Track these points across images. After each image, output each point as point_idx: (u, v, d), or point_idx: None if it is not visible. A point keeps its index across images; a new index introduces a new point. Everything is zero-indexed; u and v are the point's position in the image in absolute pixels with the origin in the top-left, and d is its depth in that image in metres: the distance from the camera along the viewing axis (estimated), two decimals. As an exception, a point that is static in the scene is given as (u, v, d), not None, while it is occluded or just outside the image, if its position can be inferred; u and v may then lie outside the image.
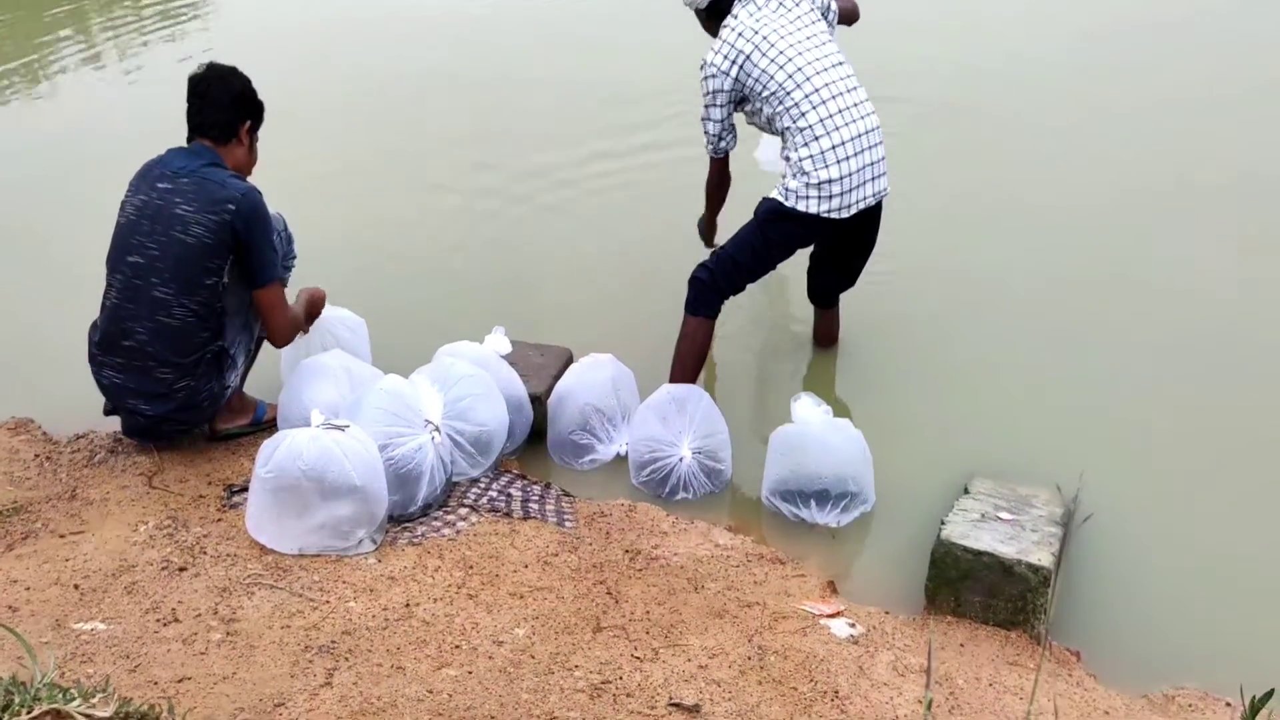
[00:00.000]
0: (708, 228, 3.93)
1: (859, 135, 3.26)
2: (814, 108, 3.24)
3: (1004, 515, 2.84)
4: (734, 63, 3.32)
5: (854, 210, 3.31)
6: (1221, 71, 5.76)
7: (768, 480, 3.18)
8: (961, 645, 2.65)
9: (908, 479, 3.23)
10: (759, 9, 3.37)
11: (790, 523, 3.13)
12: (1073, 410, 3.55)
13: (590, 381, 3.43)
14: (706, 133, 3.50)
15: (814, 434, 3.13)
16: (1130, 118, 5.39)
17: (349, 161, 5.30)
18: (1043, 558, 2.66)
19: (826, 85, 3.27)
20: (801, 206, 3.26)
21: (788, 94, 3.25)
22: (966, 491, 2.98)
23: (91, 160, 5.16)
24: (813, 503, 3.11)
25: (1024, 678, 2.53)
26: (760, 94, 3.31)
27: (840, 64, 3.33)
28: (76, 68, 6.79)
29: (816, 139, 3.23)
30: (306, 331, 3.52)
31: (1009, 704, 2.43)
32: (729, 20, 3.39)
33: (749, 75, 3.31)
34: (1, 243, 4.68)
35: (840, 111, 3.25)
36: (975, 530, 2.77)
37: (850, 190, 3.27)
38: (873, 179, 3.32)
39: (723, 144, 3.52)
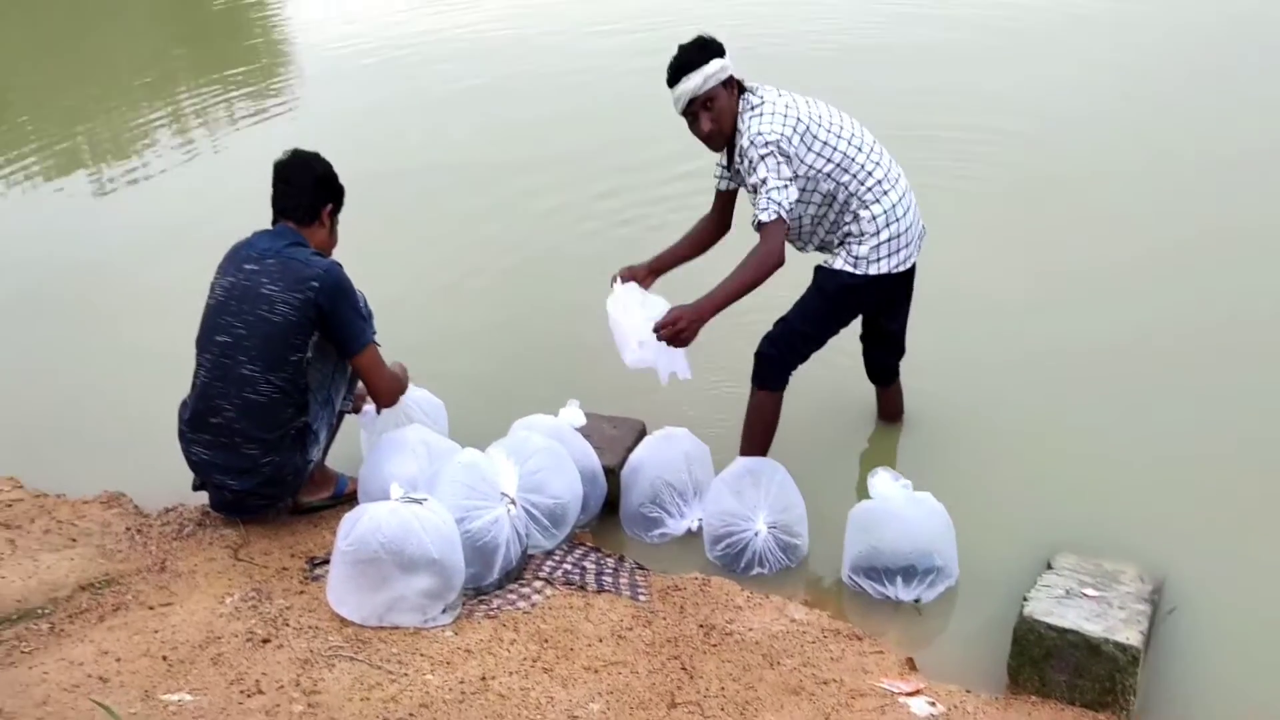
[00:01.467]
0: (700, 317, 3.22)
1: (907, 188, 3.37)
2: (876, 165, 3.30)
3: (1089, 591, 2.78)
4: (795, 130, 3.21)
5: (915, 257, 3.39)
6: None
7: (849, 558, 3.15)
8: (1046, 726, 2.59)
9: (988, 554, 3.18)
10: (779, 90, 3.32)
11: (868, 598, 3.10)
12: (1157, 480, 3.48)
13: (663, 455, 3.47)
14: (779, 190, 3.15)
15: (896, 509, 3.10)
16: (1198, 169, 5.35)
17: (413, 234, 5.48)
18: (1131, 636, 2.60)
19: (873, 144, 3.34)
20: (874, 270, 3.30)
21: (852, 160, 3.27)
22: (1050, 567, 2.93)
23: (184, 243, 5.41)
24: (899, 579, 3.07)
25: (1114, 761, 2.46)
26: (822, 170, 3.24)
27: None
28: (171, 152, 7.14)
29: (885, 193, 3.28)
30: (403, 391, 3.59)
31: (1098, 789, 2.36)
32: (760, 95, 3.27)
33: (808, 148, 3.22)
34: (97, 324, 4.92)
35: (890, 166, 3.34)
36: (1060, 607, 2.71)
37: (911, 241, 3.35)
38: (918, 220, 3.41)
39: (790, 206, 3.18)
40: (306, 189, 3.31)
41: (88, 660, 2.65)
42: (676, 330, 3.19)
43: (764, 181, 3.16)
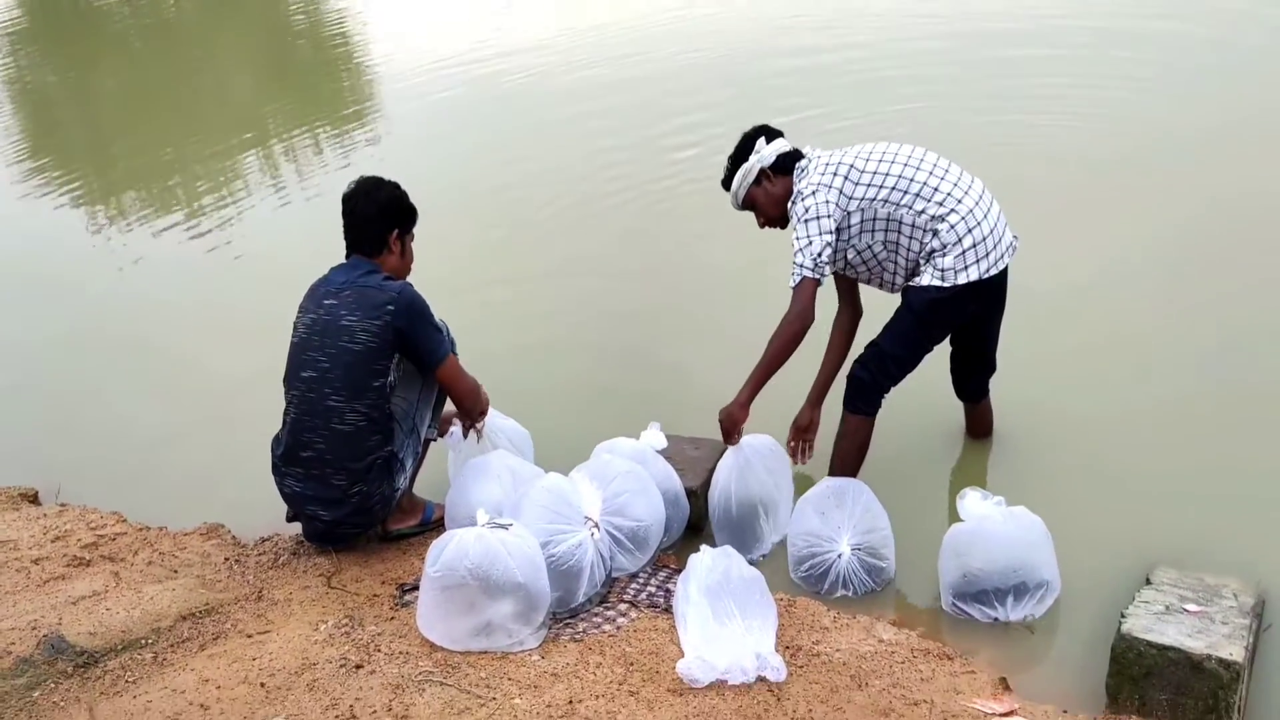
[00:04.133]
0: (740, 409, 3.35)
1: (982, 191, 3.31)
2: (942, 179, 3.27)
3: (1190, 607, 2.69)
4: (835, 174, 3.29)
5: (1004, 263, 3.31)
6: None
7: (948, 584, 3.08)
8: (1149, 747, 2.51)
9: (1083, 570, 3.10)
10: (828, 150, 3.41)
11: (957, 618, 3.04)
12: (1261, 490, 3.35)
13: (748, 474, 3.44)
14: (804, 253, 3.24)
15: (992, 529, 3.02)
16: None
17: (486, 252, 5.58)
18: (1234, 652, 2.50)
19: (936, 162, 3.31)
20: (963, 280, 3.23)
21: (911, 180, 3.26)
22: (1149, 582, 2.84)
23: (274, 280, 5.57)
24: (1009, 599, 2.99)
25: (1221, 783, 2.37)
26: (875, 198, 3.25)
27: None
28: (262, 194, 7.40)
29: (960, 200, 3.23)
30: (484, 414, 3.62)
31: (1206, 812, 2.28)
32: (807, 158, 3.42)
33: (857, 185, 3.27)
34: (190, 360, 5.09)
35: (960, 178, 3.29)
36: (1159, 624, 2.63)
37: (998, 243, 3.27)
38: (1006, 228, 3.33)
39: (824, 259, 3.24)
40: (370, 219, 3.37)
41: (189, 688, 2.74)
42: (725, 431, 3.36)
43: (793, 246, 3.29)
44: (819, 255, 3.24)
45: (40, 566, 3.41)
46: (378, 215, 3.38)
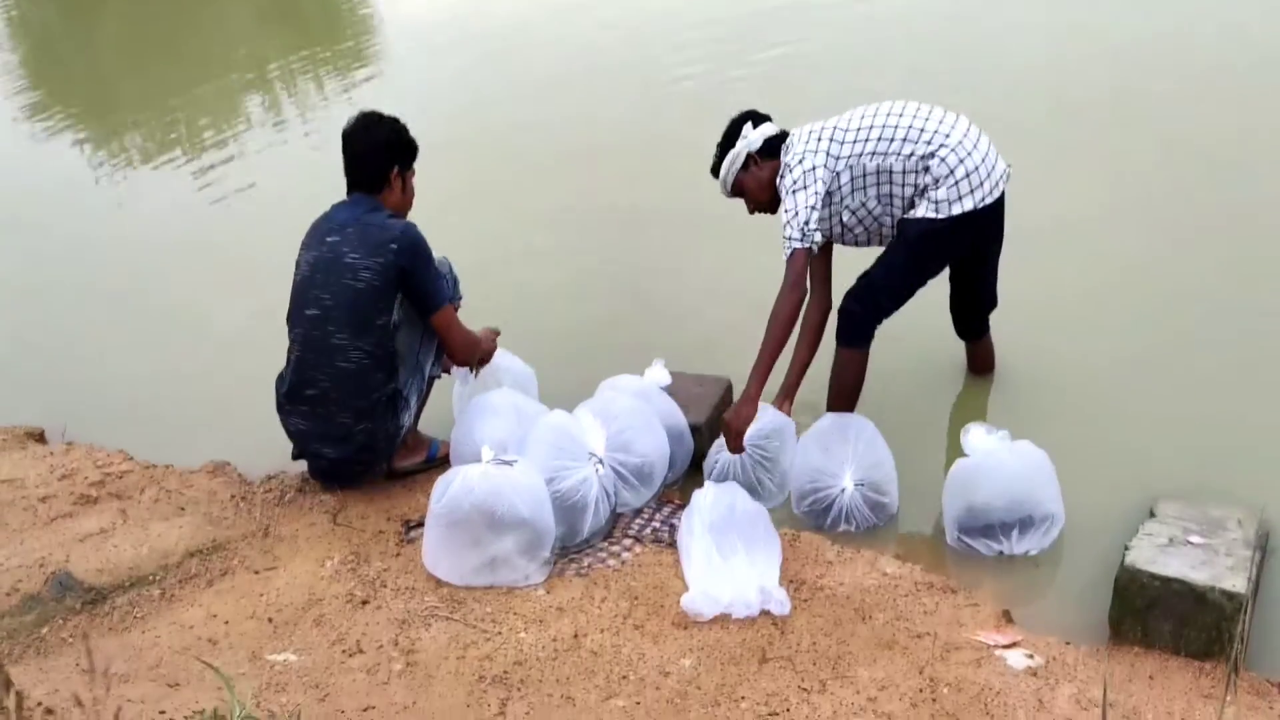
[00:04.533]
0: (749, 405, 3.23)
1: (969, 125, 3.27)
2: (926, 119, 3.24)
3: (1194, 539, 2.69)
4: (820, 139, 3.28)
5: (998, 191, 3.27)
6: None
7: (953, 519, 3.07)
8: (1151, 678, 2.51)
9: (1087, 503, 3.09)
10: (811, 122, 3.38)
11: (960, 552, 3.05)
12: (1262, 422, 3.34)
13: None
14: (791, 224, 3.22)
15: (997, 463, 3.01)
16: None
17: (489, 192, 5.51)
18: (1238, 584, 2.50)
19: (918, 108, 3.28)
20: (957, 210, 3.20)
21: (895, 128, 3.23)
22: (1152, 515, 2.83)
23: (276, 217, 5.53)
24: (1014, 532, 2.99)
25: (1221, 712, 2.38)
26: (863, 152, 3.23)
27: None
28: (264, 132, 7.32)
29: (947, 135, 3.20)
30: (487, 361, 3.64)
31: (1205, 740, 2.30)
32: (793, 136, 3.38)
33: (842, 144, 3.25)
34: (194, 298, 5.07)
35: (944, 117, 3.26)
36: (1163, 556, 2.62)
37: (990, 172, 3.23)
38: (998, 157, 3.29)
39: (813, 228, 3.21)
40: (371, 156, 3.33)
41: (197, 624, 2.77)
42: (730, 440, 3.26)
43: (782, 219, 3.27)
44: (806, 224, 3.21)
45: (47, 504, 3.43)
46: (377, 152, 3.34)
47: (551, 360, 3.97)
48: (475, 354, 3.54)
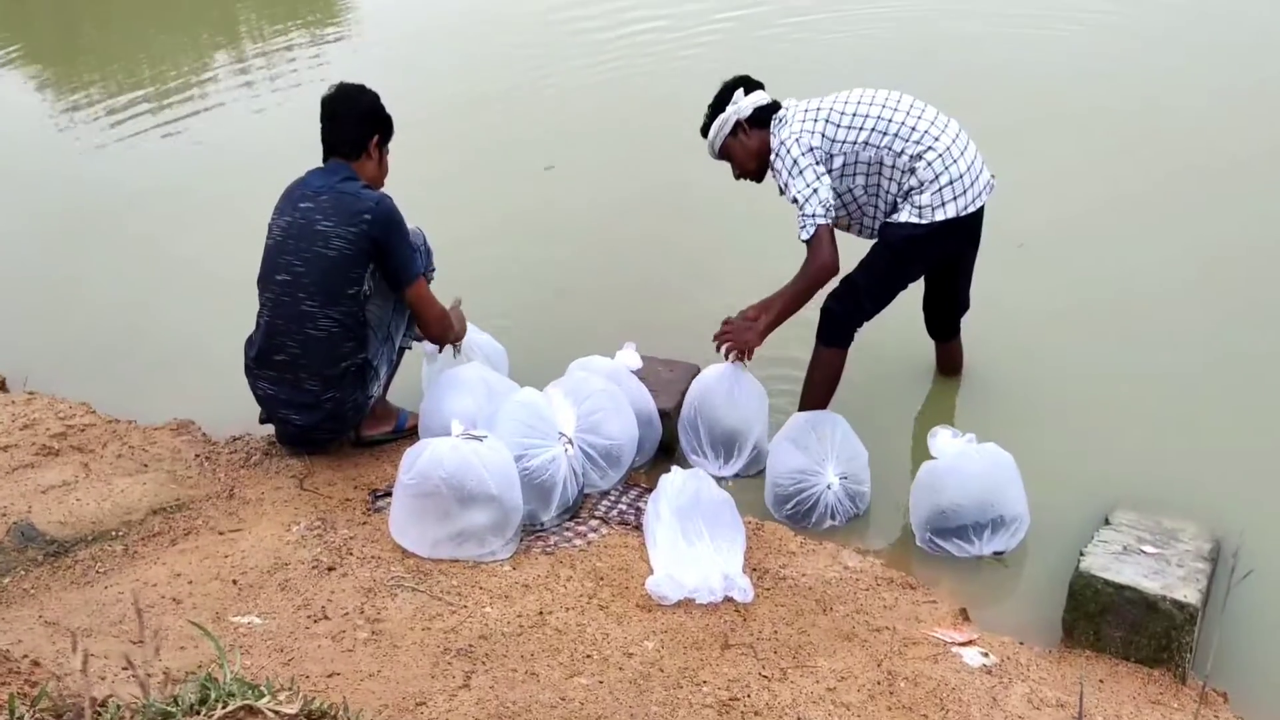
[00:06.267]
0: (758, 337, 3.37)
1: (958, 132, 3.30)
2: (919, 118, 3.26)
3: (1148, 549, 2.76)
4: (817, 120, 3.28)
5: (981, 201, 3.31)
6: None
7: (921, 521, 3.10)
8: (1101, 681, 2.58)
9: (1044, 509, 3.14)
10: (807, 99, 3.39)
11: (921, 550, 3.09)
12: (1220, 437, 3.42)
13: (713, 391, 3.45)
14: (810, 201, 3.20)
15: (966, 465, 3.05)
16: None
17: (466, 167, 5.47)
18: (1189, 594, 2.57)
19: (912, 104, 3.30)
20: (940, 216, 3.23)
21: (889, 121, 3.25)
22: (1108, 522, 2.91)
23: (250, 170, 5.45)
24: (986, 532, 3.03)
25: (1167, 718, 2.45)
26: (858, 140, 3.24)
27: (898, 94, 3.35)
28: (233, 90, 7.19)
29: (936, 138, 3.23)
30: (459, 340, 3.62)
31: (1150, 744, 2.36)
32: (785, 109, 3.39)
33: (839, 127, 3.26)
34: (165, 253, 4.99)
35: (936, 117, 3.28)
36: (1116, 563, 2.69)
37: (974, 181, 3.27)
38: (984, 167, 3.33)
39: (831, 202, 3.21)
40: (352, 123, 3.31)
41: (161, 582, 2.73)
42: (727, 338, 3.36)
43: (795, 200, 3.26)
44: (826, 200, 3.22)
45: (8, 454, 3.36)
46: (359, 120, 3.33)
47: (521, 338, 3.97)
48: (447, 328, 3.52)
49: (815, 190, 3.21)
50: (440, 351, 3.67)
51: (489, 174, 5.52)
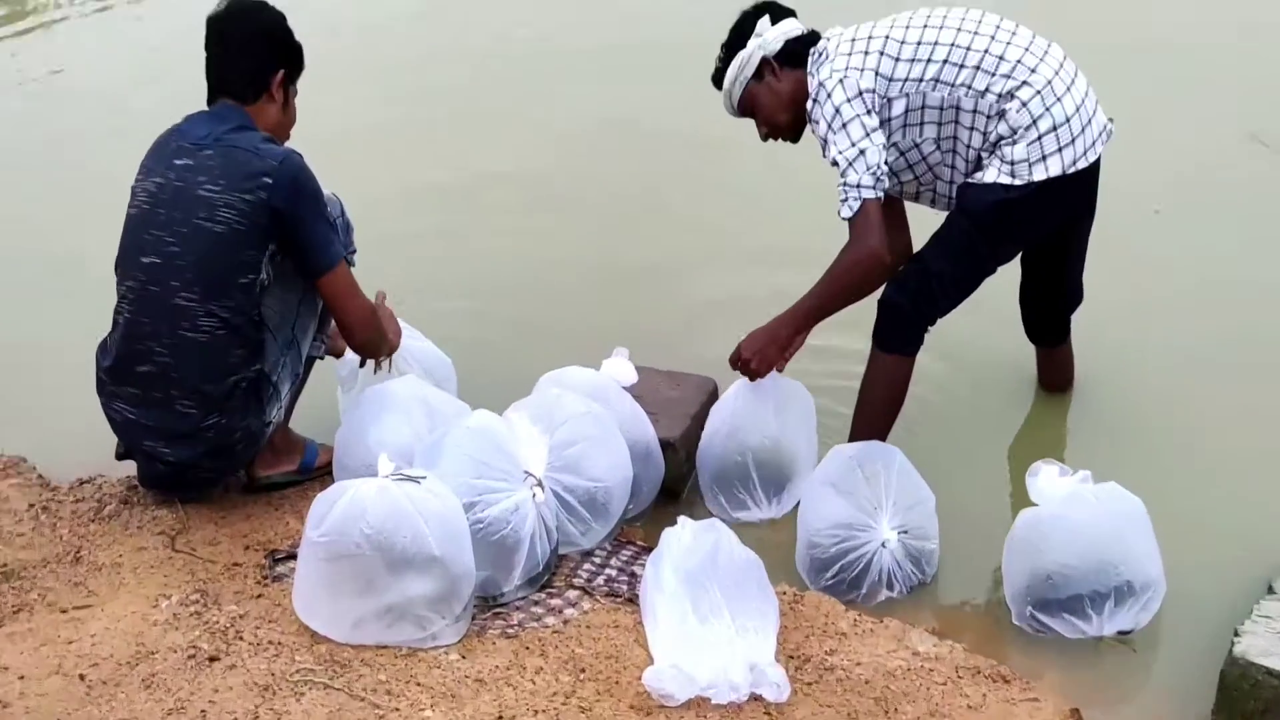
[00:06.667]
0: (779, 351, 3.47)
1: (1064, 59, 3.31)
2: (1008, 43, 3.28)
3: (1325, 626, 2.77)
4: (867, 53, 3.29)
5: (1096, 153, 3.32)
6: None
7: (1020, 590, 3.10)
8: (1263, 806, 2.59)
9: (1185, 574, 3.15)
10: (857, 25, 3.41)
11: (1031, 632, 3.09)
12: None
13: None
14: (854, 167, 3.23)
15: (1078, 514, 3.05)
16: None
17: (397, 116, 5.53)
18: (1380, 687, 2.58)
19: (999, 24, 3.32)
20: (1039, 174, 3.24)
21: (968, 49, 3.27)
22: (1271, 591, 2.92)
23: (106, 129, 5.46)
24: (1107, 604, 3.02)
25: None
26: (924, 76, 3.26)
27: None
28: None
29: (1033, 71, 3.25)
30: (394, 349, 3.65)
31: None
32: (825, 40, 3.41)
33: (897, 61, 3.27)
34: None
35: (1031, 42, 3.30)
36: (1283, 646, 2.70)
37: (1085, 125, 3.28)
38: (1097, 107, 3.34)
39: (883, 169, 3.25)
40: (249, 52, 3.32)
41: (-20, 678, 2.73)
42: (746, 366, 3.42)
43: (835, 163, 3.26)
44: (875, 165, 3.22)
45: None
46: (258, 49, 3.33)
47: (475, 343, 3.98)
48: (376, 333, 3.51)
49: (862, 151, 3.22)
50: (362, 367, 3.67)
51: (432, 117, 5.53)
